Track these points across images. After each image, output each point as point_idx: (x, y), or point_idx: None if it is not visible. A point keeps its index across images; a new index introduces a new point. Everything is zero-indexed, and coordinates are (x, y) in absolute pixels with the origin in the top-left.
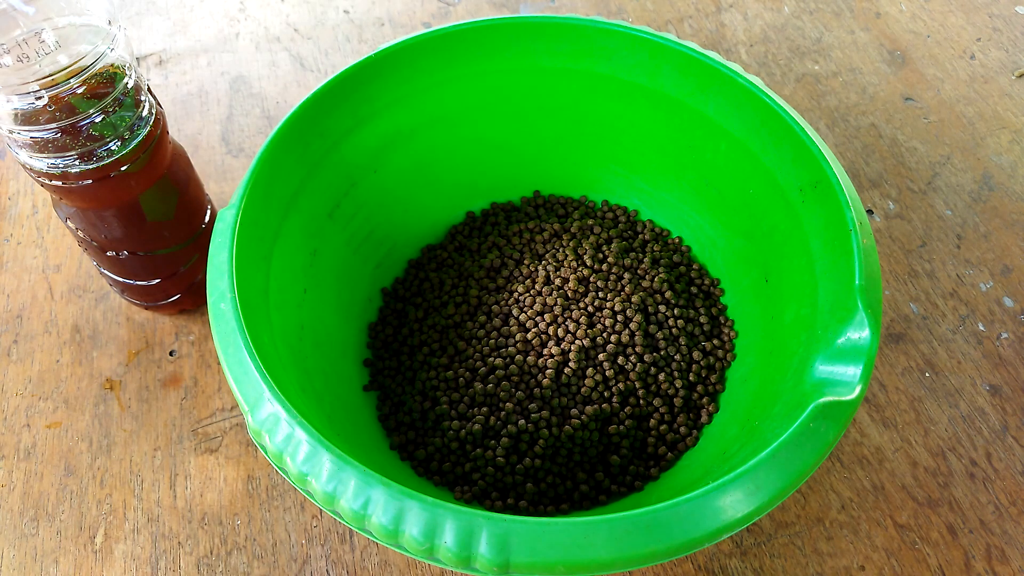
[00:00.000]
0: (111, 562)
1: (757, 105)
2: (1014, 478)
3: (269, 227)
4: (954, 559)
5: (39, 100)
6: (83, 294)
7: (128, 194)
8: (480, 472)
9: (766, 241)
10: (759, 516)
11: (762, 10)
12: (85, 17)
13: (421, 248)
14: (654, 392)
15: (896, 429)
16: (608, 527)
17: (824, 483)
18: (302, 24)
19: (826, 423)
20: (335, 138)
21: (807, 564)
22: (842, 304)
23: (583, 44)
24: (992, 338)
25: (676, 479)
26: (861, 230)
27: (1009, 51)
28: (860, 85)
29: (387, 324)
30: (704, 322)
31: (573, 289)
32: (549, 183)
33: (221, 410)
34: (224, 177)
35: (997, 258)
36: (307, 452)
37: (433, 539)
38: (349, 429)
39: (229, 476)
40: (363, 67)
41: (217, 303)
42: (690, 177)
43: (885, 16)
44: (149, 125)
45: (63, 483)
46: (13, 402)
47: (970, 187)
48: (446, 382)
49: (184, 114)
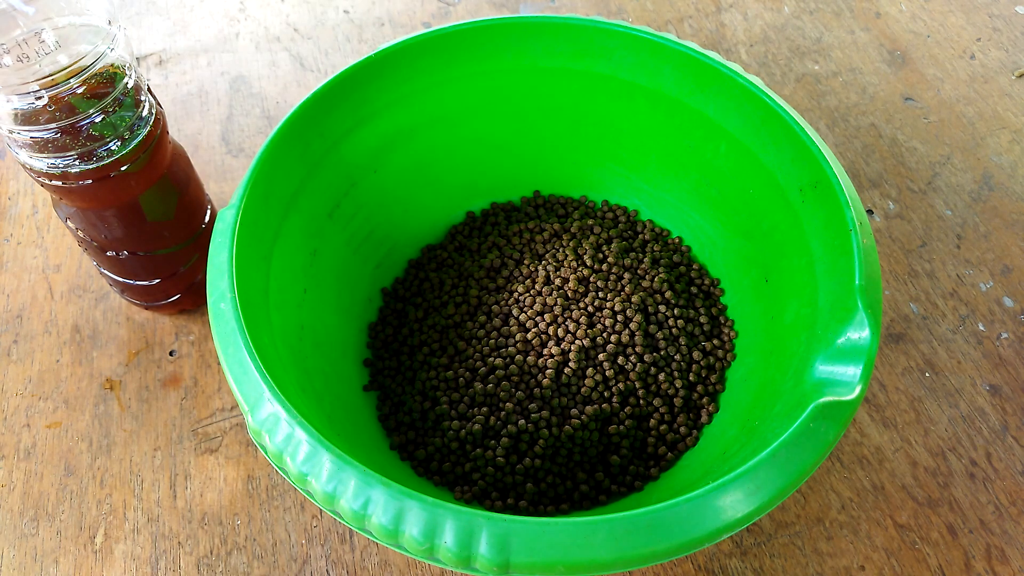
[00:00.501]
0: (111, 562)
1: (757, 105)
2: (1014, 478)
3: (269, 227)
4: (954, 559)
5: (39, 100)
6: (83, 294)
7: (128, 194)
8: (480, 472)
9: (766, 241)
10: (759, 516)
11: (762, 10)
12: (85, 17)
13: (421, 248)
14: (654, 392)
15: (896, 429)
16: (608, 527)
17: (824, 483)
18: (302, 24)
19: (826, 423)
20: (335, 138)
21: (807, 564)
22: (842, 304)
23: (583, 44)
24: (992, 338)
25: (676, 479)
26: (861, 230)
27: (1009, 51)
28: (860, 85)
29: (387, 324)
30: (704, 322)
31: (573, 289)
32: (549, 183)
33: (221, 410)
34: (224, 177)
35: (997, 258)
36: (307, 452)
37: (433, 539)
38: (349, 429)
39: (229, 476)
40: (363, 67)
41: (217, 303)
42: (690, 177)
43: (885, 16)
44: (149, 125)
45: (63, 483)
46: (13, 402)
47: (970, 187)
48: (446, 382)
49: (184, 114)
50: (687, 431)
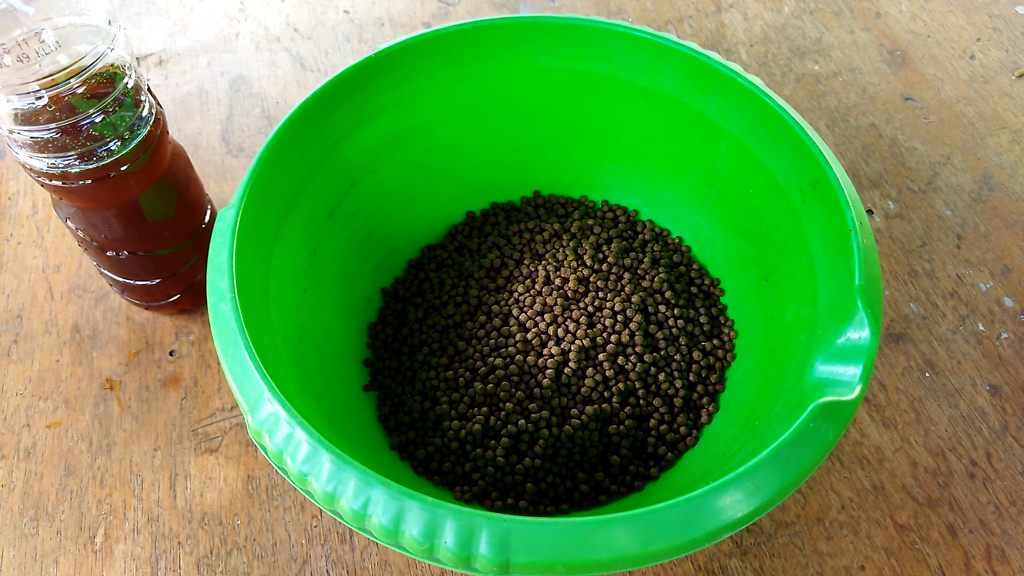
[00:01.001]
0: (111, 562)
1: (757, 105)
2: (1014, 478)
3: (269, 227)
4: (954, 559)
5: (39, 100)
6: (83, 294)
7: (128, 194)
8: (480, 472)
9: (766, 241)
10: (759, 516)
11: (762, 10)
12: (85, 17)
13: (421, 248)
14: (654, 392)
15: (896, 429)
16: (608, 527)
17: (824, 483)
18: (302, 24)
19: (826, 423)
20: (335, 138)
21: (807, 564)
22: (842, 304)
23: (583, 44)
24: (992, 338)
25: (676, 479)
26: (861, 230)
27: (1009, 51)
28: (860, 85)
29: (387, 324)
30: (704, 322)
31: (573, 289)
32: (549, 183)
33: (221, 410)
34: (224, 177)
35: (997, 258)
36: (307, 452)
37: (433, 539)
38: (349, 429)
39: (229, 476)
40: (363, 67)
41: (217, 303)
42: (690, 177)
43: (885, 16)
44: (149, 125)
45: (63, 483)
46: (13, 402)
47: (970, 187)
48: (446, 382)
49: (184, 114)
50: (687, 431)
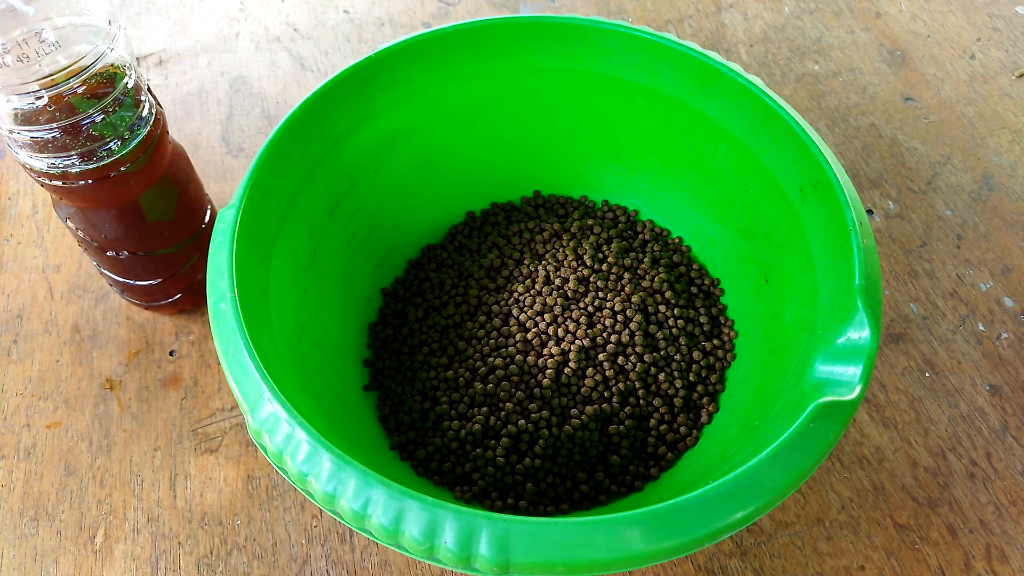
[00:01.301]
0: (111, 562)
1: (757, 105)
2: (1014, 478)
3: (269, 227)
4: (954, 559)
5: (39, 100)
6: (83, 294)
7: (128, 194)
8: (480, 472)
9: (766, 241)
10: (759, 516)
11: (762, 10)
12: (85, 17)
13: (421, 248)
14: (654, 392)
15: (896, 429)
16: (608, 527)
17: (824, 483)
18: (302, 24)
19: (826, 423)
20: (335, 138)
21: (807, 564)
22: (842, 304)
23: (583, 44)
24: (992, 338)
25: (676, 479)
26: (861, 230)
27: (1009, 51)
28: (860, 85)
29: (387, 324)
30: (704, 322)
31: (573, 289)
32: (549, 183)
33: (221, 410)
34: (224, 177)
35: (997, 258)
36: (307, 452)
37: (433, 539)
38: (349, 429)
39: (229, 476)
40: (363, 67)
41: (217, 303)
42: (690, 177)
43: (885, 16)
44: (149, 125)
45: (63, 483)
46: (13, 402)
47: (970, 187)
48: (446, 382)
49: (184, 114)
50: (687, 431)
